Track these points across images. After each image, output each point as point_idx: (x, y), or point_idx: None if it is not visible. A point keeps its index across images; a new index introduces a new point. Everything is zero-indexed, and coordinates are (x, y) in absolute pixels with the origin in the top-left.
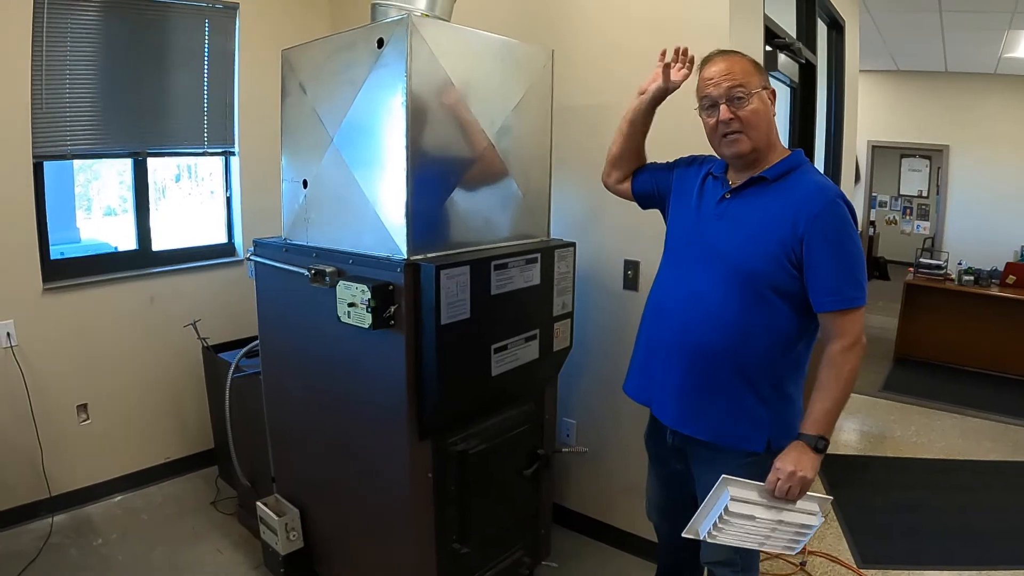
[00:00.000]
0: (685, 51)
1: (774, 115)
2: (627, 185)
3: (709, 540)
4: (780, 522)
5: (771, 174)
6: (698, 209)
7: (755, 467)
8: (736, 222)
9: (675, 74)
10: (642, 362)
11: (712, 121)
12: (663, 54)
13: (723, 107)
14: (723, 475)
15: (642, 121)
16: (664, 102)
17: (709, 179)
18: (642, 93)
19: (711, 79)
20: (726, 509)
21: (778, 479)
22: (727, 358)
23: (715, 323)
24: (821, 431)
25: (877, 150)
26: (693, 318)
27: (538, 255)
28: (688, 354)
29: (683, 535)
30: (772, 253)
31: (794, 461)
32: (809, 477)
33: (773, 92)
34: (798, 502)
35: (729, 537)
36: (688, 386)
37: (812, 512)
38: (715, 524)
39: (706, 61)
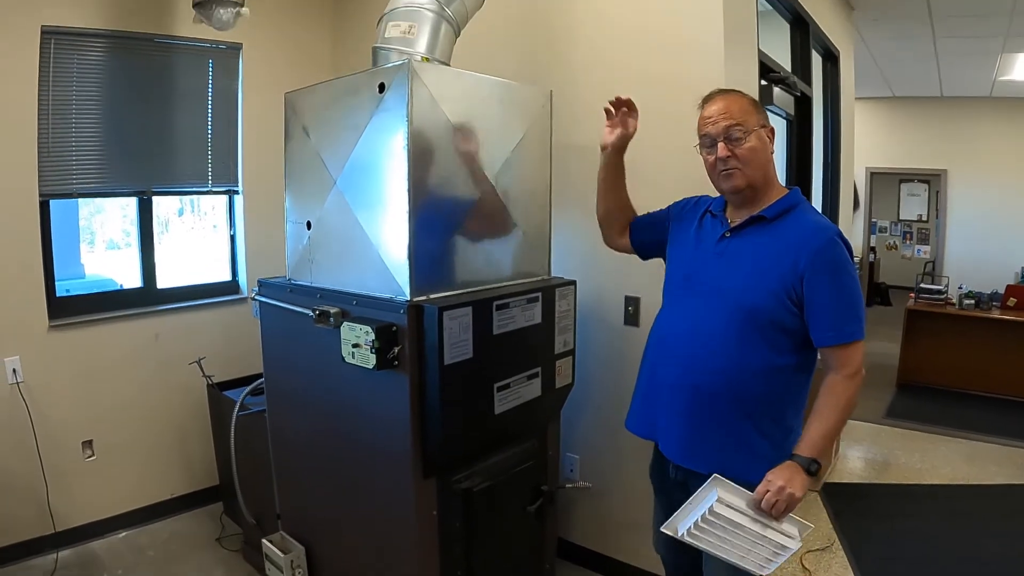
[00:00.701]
0: (627, 100)
1: (772, 153)
2: (626, 240)
3: (687, 539)
4: (762, 537)
5: (770, 213)
6: (697, 247)
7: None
8: (736, 260)
9: (633, 122)
10: (644, 398)
11: (711, 158)
12: (609, 108)
13: (721, 144)
14: (714, 474)
15: (614, 175)
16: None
17: (708, 217)
18: (604, 148)
19: (710, 118)
20: (710, 509)
21: (767, 491)
22: (729, 393)
23: (717, 359)
24: (815, 454)
25: (876, 176)
26: (695, 354)
27: (539, 294)
28: (690, 390)
29: (661, 530)
30: (773, 290)
31: (786, 478)
32: (797, 496)
33: (771, 130)
34: (781, 522)
35: (707, 541)
36: (691, 421)
37: (791, 535)
38: (696, 523)
39: (706, 100)
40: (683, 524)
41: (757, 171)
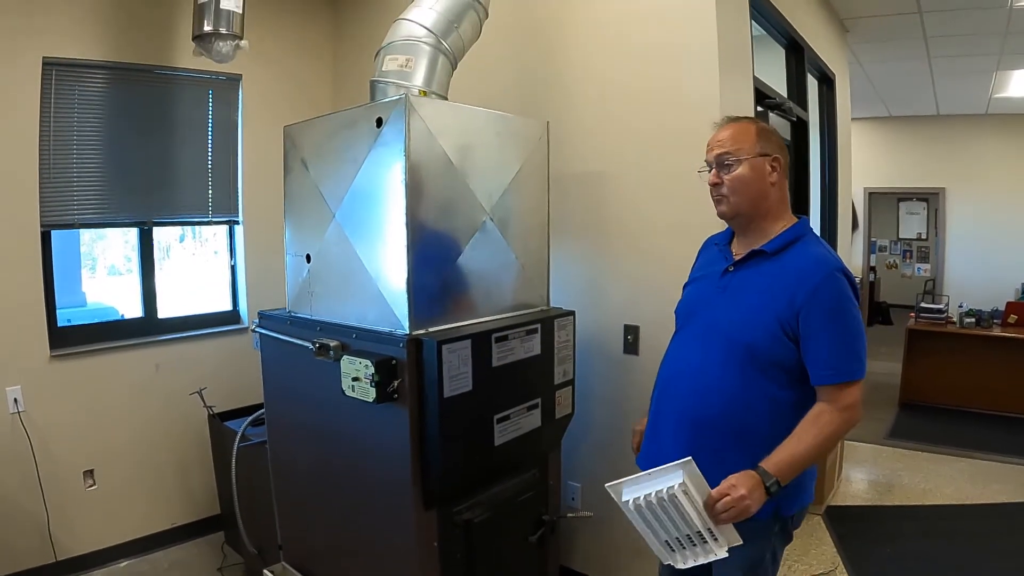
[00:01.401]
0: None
1: (773, 184)
2: None
3: (628, 508)
4: (698, 535)
5: (771, 247)
6: (702, 283)
7: (766, 528)
8: (736, 295)
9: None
10: (650, 433)
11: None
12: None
13: (712, 172)
14: (689, 457)
15: None
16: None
17: (714, 249)
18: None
19: (710, 145)
20: (669, 491)
21: (728, 494)
22: (730, 429)
23: (716, 395)
24: (779, 475)
25: (874, 196)
26: (695, 390)
27: (538, 326)
28: (690, 425)
29: (605, 486)
30: (769, 327)
31: (749, 488)
32: (752, 511)
33: (776, 159)
34: (720, 529)
35: (645, 517)
36: (694, 456)
37: (722, 544)
38: (645, 496)
39: (717, 126)
40: (631, 492)
41: (744, 200)
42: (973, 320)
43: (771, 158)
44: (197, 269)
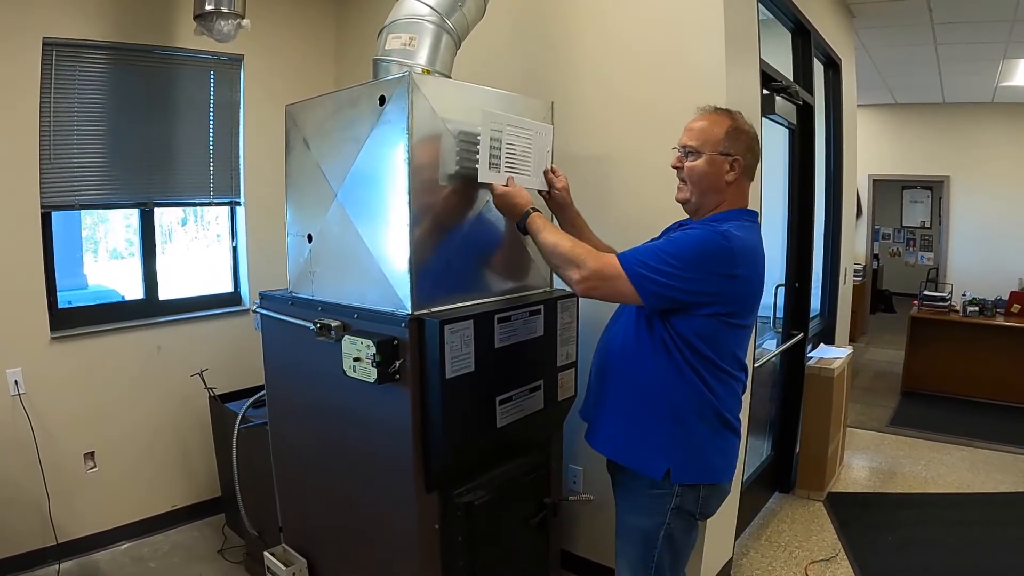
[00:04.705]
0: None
1: (729, 183)
2: None
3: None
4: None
5: (696, 224)
6: None
7: (661, 499)
8: None
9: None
10: (587, 387)
11: None
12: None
13: (676, 155)
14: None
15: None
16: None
17: (674, 228)
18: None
19: (684, 129)
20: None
21: (508, 190)
22: (627, 381)
23: (617, 350)
24: (531, 224)
25: (878, 183)
26: (607, 346)
27: (541, 307)
28: (599, 376)
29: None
30: None
31: (520, 201)
32: (497, 201)
33: (736, 160)
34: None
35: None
36: (601, 405)
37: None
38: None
39: (698, 111)
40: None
41: (695, 190)
42: (976, 309)
43: (732, 158)
44: (199, 253)
